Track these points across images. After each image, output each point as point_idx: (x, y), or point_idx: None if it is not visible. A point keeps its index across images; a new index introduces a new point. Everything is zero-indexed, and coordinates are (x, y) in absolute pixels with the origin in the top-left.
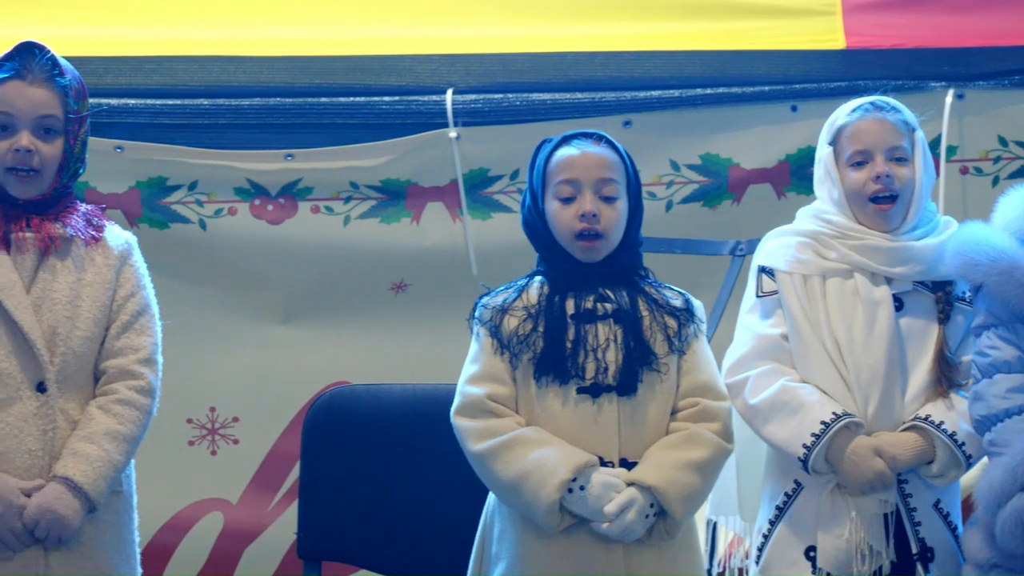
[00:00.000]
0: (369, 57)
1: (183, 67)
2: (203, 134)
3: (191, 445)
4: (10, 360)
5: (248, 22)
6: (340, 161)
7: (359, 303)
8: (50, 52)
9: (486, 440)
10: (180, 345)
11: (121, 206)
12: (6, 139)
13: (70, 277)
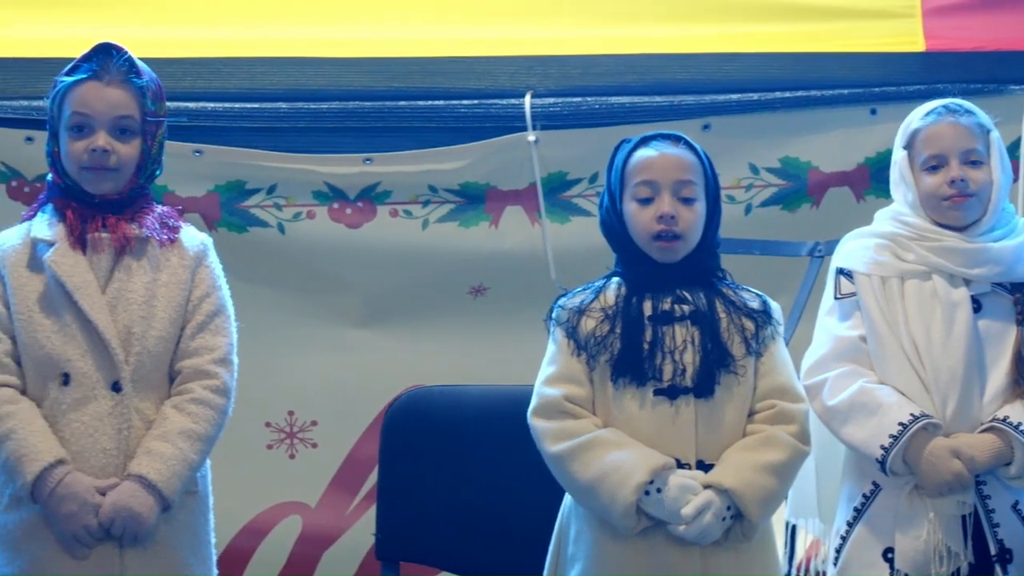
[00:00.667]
0: (448, 59)
1: (262, 70)
2: (282, 137)
3: (269, 449)
4: (85, 360)
5: (327, 22)
6: (419, 165)
7: (437, 307)
8: (127, 53)
9: (563, 442)
10: (258, 349)
11: (200, 210)
12: (83, 139)
13: (145, 277)
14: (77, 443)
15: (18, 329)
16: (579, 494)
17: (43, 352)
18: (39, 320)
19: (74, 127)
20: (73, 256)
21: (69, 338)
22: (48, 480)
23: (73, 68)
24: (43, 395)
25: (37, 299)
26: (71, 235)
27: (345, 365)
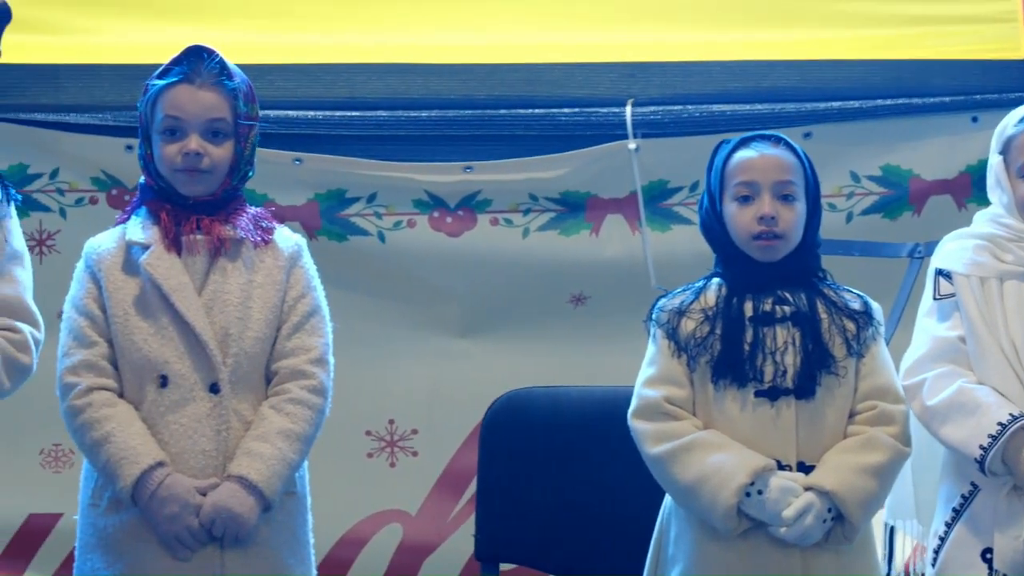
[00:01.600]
0: (549, 66)
1: (362, 77)
2: (382, 146)
3: (369, 458)
4: (183, 362)
5: (428, 28)
6: (519, 173)
7: (538, 316)
8: (218, 55)
9: (664, 443)
10: (358, 358)
11: (300, 218)
12: (176, 142)
13: (241, 279)
14: (176, 445)
15: (115, 332)
16: (680, 495)
17: (140, 355)
18: (136, 323)
19: (166, 130)
20: (168, 258)
21: (166, 340)
22: (148, 482)
23: (165, 71)
24: (141, 398)
25: (133, 302)
26: (166, 237)
27: (445, 374)
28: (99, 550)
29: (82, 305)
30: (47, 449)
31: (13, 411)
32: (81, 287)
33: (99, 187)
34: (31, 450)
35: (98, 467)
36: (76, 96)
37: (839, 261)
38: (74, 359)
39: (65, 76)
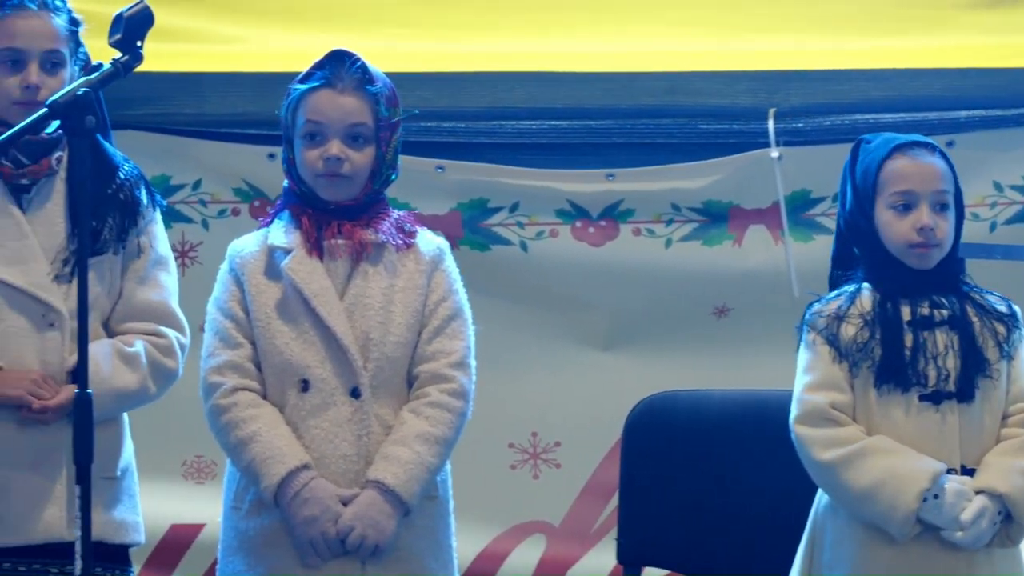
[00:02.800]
0: (690, 75)
1: (504, 85)
2: (524, 154)
3: (513, 469)
4: (324, 366)
5: (570, 36)
6: (662, 182)
7: (680, 327)
8: (360, 60)
9: (834, 449)
10: (501, 369)
11: (442, 228)
12: (317, 147)
13: (382, 283)
14: (317, 449)
15: (258, 335)
16: (853, 502)
17: (282, 358)
18: (277, 327)
19: (307, 135)
20: (310, 263)
21: (308, 345)
22: (292, 484)
23: (306, 75)
24: (283, 401)
25: (275, 306)
26: (307, 242)
27: (588, 385)
28: (240, 553)
29: (226, 307)
30: (189, 460)
31: (156, 422)
32: (225, 289)
33: (242, 198)
34: (174, 461)
35: (241, 467)
36: (218, 105)
37: (974, 265)
38: (219, 359)
39: (207, 85)
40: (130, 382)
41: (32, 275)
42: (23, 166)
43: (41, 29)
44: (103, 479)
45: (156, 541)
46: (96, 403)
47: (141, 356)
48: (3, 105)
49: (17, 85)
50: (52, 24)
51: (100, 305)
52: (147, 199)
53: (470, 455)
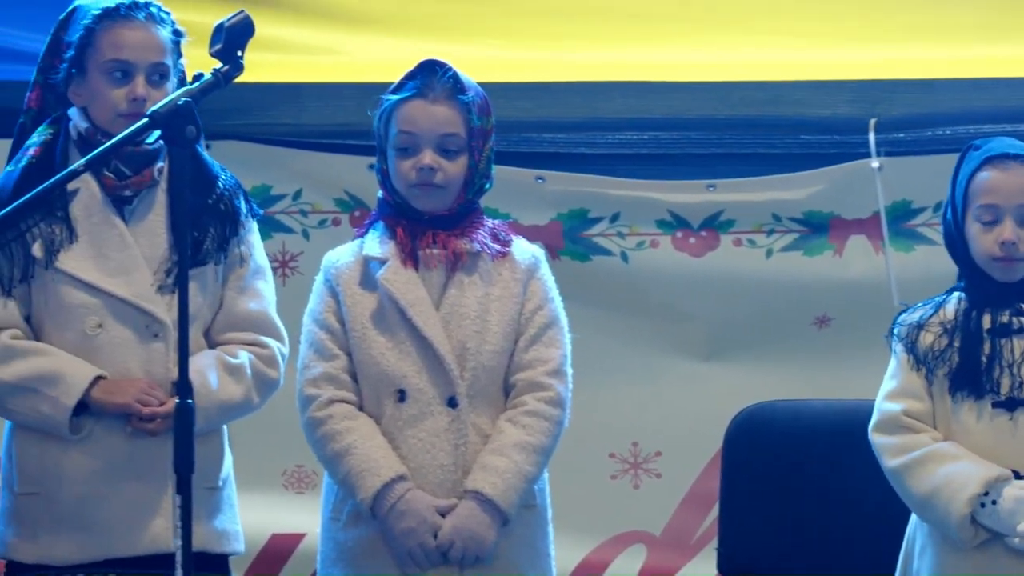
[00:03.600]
0: (790, 84)
1: (605, 96)
2: (624, 165)
3: (613, 479)
4: (421, 376)
5: (670, 45)
6: (762, 193)
7: (781, 338)
8: (452, 69)
9: (901, 456)
10: (602, 379)
11: (543, 238)
12: (410, 158)
13: (478, 292)
14: (415, 459)
15: (353, 346)
16: (917, 508)
17: (378, 369)
18: (373, 337)
19: (400, 145)
20: (405, 273)
21: (404, 355)
22: (389, 496)
23: (398, 86)
24: (380, 412)
25: (371, 316)
26: (402, 252)
27: (689, 396)
28: (339, 564)
29: (322, 319)
30: (289, 470)
31: (256, 432)
32: (320, 300)
33: (342, 208)
34: (274, 470)
35: (338, 479)
36: (318, 116)
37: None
38: (315, 371)
39: (308, 95)
40: (235, 393)
41: (136, 286)
42: (125, 177)
43: (148, 41)
44: (205, 489)
45: (256, 551)
46: (202, 415)
47: (246, 367)
48: (108, 117)
49: (124, 97)
50: (158, 36)
51: (202, 316)
52: (245, 209)
53: (571, 465)
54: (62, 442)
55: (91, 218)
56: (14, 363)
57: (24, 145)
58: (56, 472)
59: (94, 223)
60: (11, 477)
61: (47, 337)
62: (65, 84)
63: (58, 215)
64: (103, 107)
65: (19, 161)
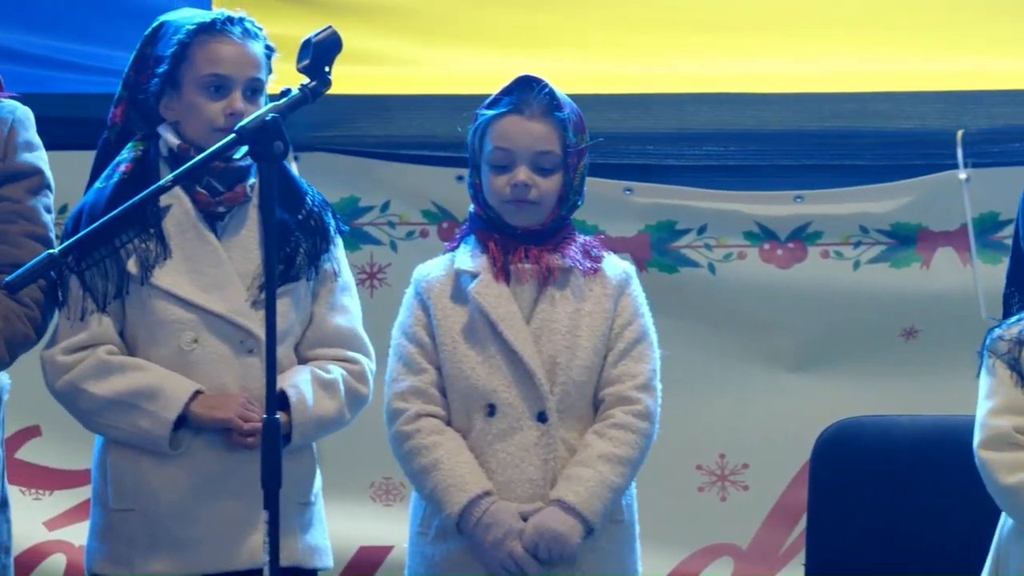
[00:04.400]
0: (877, 95)
1: (692, 108)
2: (712, 176)
3: (700, 492)
4: (511, 390)
5: (757, 57)
6: (850, 204)
7: (868, 350)
8: (548, 86)
9: (1018, 473)
10: (689, 391)
11: (630, 250)
12: (504, 174)
13: (569, 307)
14: (504, 474)
15: (443, 360)
16: None
17: (468, 383)
18: (464, 351)
19: (495, 161)
20: (497, 287)
21: (494, 369)
22: (474, 511)
23: (494, 101)
24: (469, 426)
25: (461, 330)
26: (494, 266)
27: (776, 407)
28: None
29: (411, 332)
30: (377, 482)
31: (344, 444)
32: (410, 314)
33: (430, 220)
34: (362, 483)
35: (425, 494)
36: (406, 127)
37: None
38: (403, 385)
39: (396, 107)
40: (330, 409)
41: (230, 301)
42: (218, 193)
43: (244, 56)
44: (298, 504)
45: (344, 563)
46: (298, 430)
47: (339, 383)
48: (203, 131)
49: (221, 112)
50: (253, 52)
51: (294, 331)
52: (334, 225)
53: (658, 476)
54: (157, 457)
55: (184, 234)
56: (111, 378)
57: (114, 161)
58: (151, 488)
59: (188, 239)
60: (104, 493)
61: (142, 353)
62: (156, 99)
63: (152, 231)
64: (198, 122)
65: (110, 178)
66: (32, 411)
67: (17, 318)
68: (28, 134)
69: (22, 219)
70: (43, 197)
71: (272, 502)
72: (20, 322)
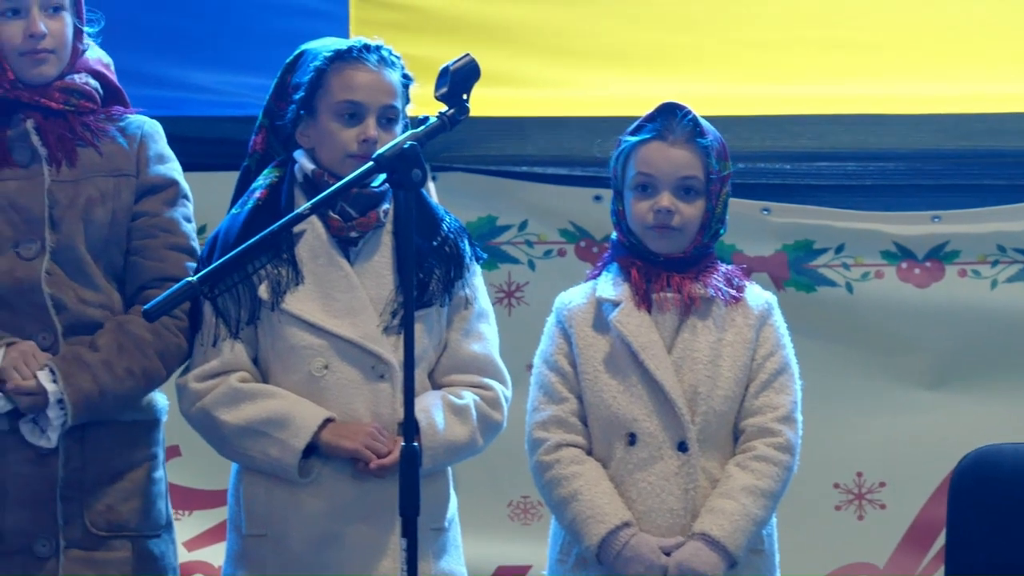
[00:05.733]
0: (1015, 116)
1: (830, 128)
2: (850, 196)
3: (838, 510)
4: (651, 420)
5: (895, 78)
6: (987, 224)
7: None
8: (691, 112)
9: None
10: (827, 409)
11: (768, 269)
12: (647, 199)
13: (710, 337)
14: (643, 503)
15: (584, 389)
16: None
17: (609, 412)
18: (605, 380)
19: (638, 187)
20: (639, 315)
21: (635, 398)
22: (614, 543)
23: (637, 127)
24: (609, 455)
25: (603, 359)
26: (636, 294)
27: (914, 426)
28: None
29: (553, 361)
30: (515, 501)
31: (483, 463)
32: (552, 343)
33: (567, 239)
34: (500, 502)
35: (564, 524)
36: (544, 147)
37: None
38: (544, 414)
39: (532, 128)
40: (461, 434)
41: (363, 327)
42: (351, 219)
43: (380, 84)
44: (432, 530)
45: None
46: (428, 455)
47: (471, 408)
48: (337, 158)
49: (354, 138)
50: (389, 80)
51: (428, 357)
52: (470, 252)
53: (795, 494)
54: (290, 484)
55: (317, 260)
56: (243, 406)
57: (250, 188)
58: (284, 514)
59: (320, 264)
60: (239, 518)
61: (274, 378)
62: (293, 125)
63: (284, 257)
64: (332, 148)
65: (245, 204)
66: (171, 431)
67: (167, 330)
68: (159, 146)
69: (163, 232)
70: (181, 207)
71: (410, 529)
72: (171, 334)
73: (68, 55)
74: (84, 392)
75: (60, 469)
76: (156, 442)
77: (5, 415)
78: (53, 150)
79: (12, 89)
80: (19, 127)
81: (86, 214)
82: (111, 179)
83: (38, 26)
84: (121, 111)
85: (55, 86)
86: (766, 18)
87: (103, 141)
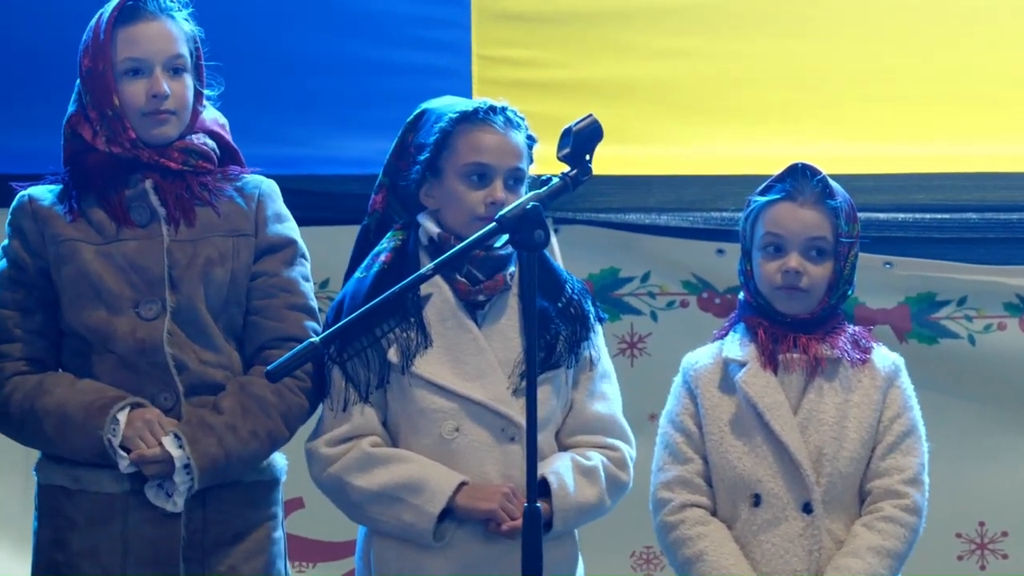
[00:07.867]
0: None
1: (951, 183)
2: (972, 249)
3: (959, 560)
4: (776, 481)
5: (1014, 138)
6: None
7: None
8: (821, 174)
9: None
10: (949, 459)
11: (890, 321)
12: (775, 260)
13: (837, 398)
14: (768, 565)
15: (710, 449)
16: None
17: (734, 473)
18: (730, 441)
19: (768, 247)
20: (764, 376)
21: (760, 459)
22: None
23: (767, 188)
24: (734, 516)
25: (729, 420)
26: (762, 355)
27: None
28: None
29: (678, 421)
30: (638, 552)
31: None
32: (678, 402)
33: (690, 290)
34: (623, 551)
35: None
36: (665, 201)
37: None
38: (669, 475)
39: (655, 186)
40: (591, 496)
41: (492, 389)
42: (479, 282)
43: (506, 146)
44: None
45: None
46: (560, 518)
47: (600, 470)
48: (464, 220)
49: (482, 201)
50: (515, 141)
51: (555, 419)
52: (593, 312)
53: (918, 544)
54: (421, 548)
55: (445, 323)
56: (376, 471)
57: (374, 251)
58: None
59: (448, 327)
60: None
61: (404, 442)
62: (417, 186)
63: (412, 320)
64: (459, 210)
65: (370, 267)
66: (294, 483)
67: (289, 390)
68: (276, 205)
69: (282, 291)
70: (299, 267)
71: None
72: (293, 394)
73: (188, 116)
74: (211, 456)
75: (182, 529)
76: (275, 502)
77: (128, 476)
78: (172, 210)
79: (132, 148)
80: (138, 187)
81: (205, 274)
82: (229, 239)
83: (162, 86)
84: (238, 171)
85: (175, 146)
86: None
87: (221, 201)
